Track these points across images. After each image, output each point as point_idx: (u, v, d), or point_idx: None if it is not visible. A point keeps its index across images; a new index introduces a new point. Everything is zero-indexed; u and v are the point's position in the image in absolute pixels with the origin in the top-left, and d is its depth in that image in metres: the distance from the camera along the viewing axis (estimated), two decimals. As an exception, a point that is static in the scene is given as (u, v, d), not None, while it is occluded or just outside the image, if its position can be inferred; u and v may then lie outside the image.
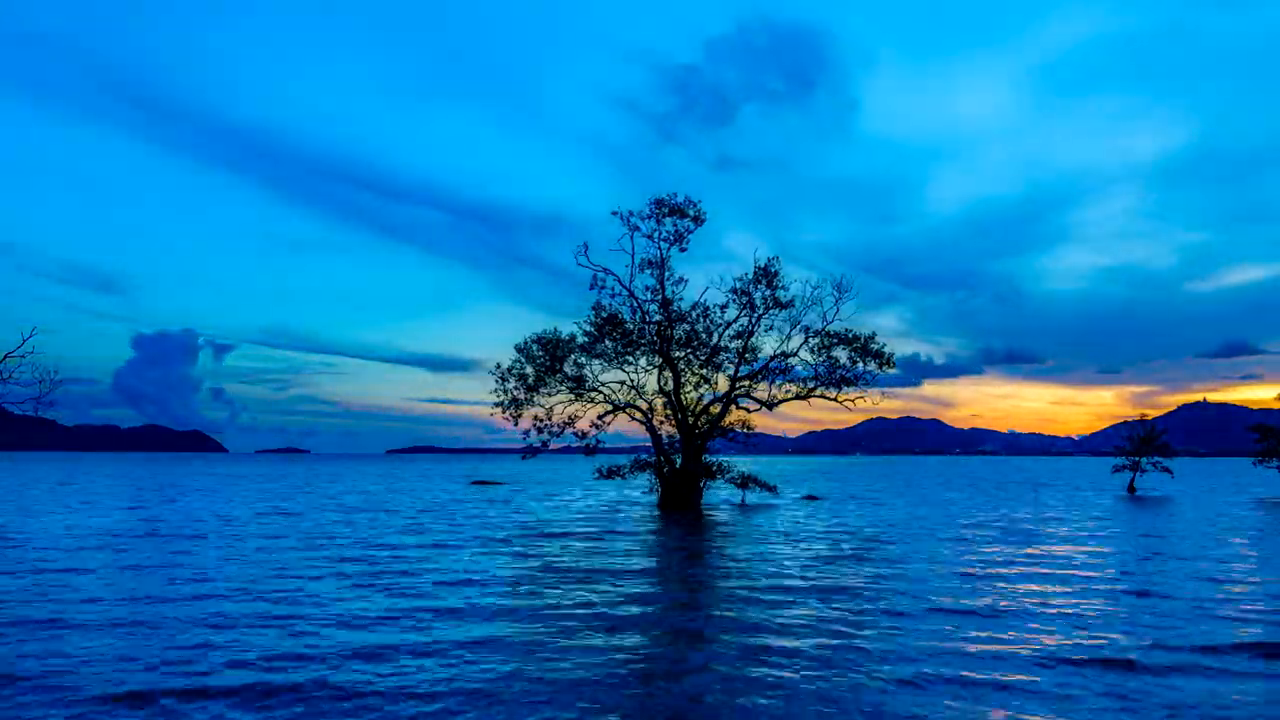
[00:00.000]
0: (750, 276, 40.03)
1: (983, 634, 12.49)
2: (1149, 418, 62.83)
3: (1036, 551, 23.56)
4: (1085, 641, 12.08)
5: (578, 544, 24.95)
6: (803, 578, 18.21)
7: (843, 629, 12.74)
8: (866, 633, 12.56)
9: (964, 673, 10.34)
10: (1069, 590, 16.66)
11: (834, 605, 14.76)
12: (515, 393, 40.39)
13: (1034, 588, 16.97)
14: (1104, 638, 12.32)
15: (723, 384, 40.89)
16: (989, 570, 19.53)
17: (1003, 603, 15.09)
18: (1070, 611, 14.31)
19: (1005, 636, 12.35)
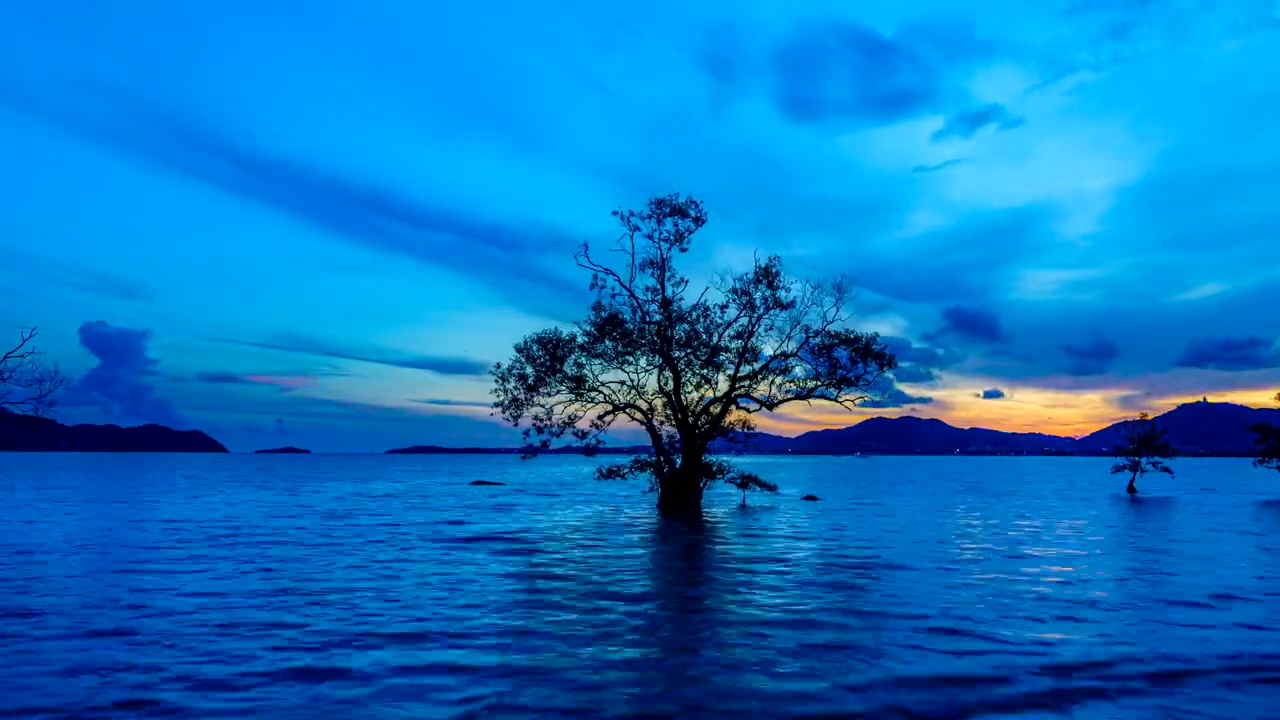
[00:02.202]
0: (750, 276, 40.02)
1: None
2: (1149, 418, 62.85)
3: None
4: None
5: (575, 552, 24.92)
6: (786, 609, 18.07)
7: None
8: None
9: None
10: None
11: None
12: (515, 393, 40.31)
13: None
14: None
15: (723, 384, 40.90)
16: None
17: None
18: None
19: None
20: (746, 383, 40.97)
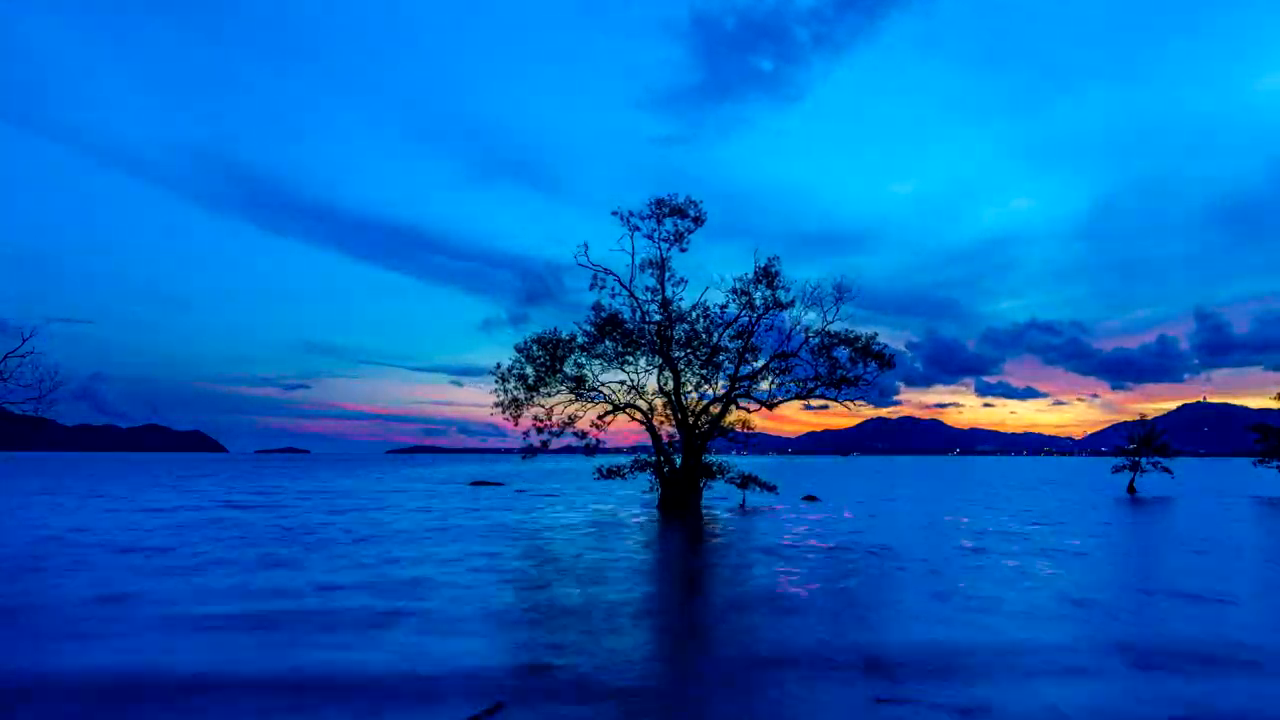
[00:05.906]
0: (750, 276, 39.99)
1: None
2: (1149, 418, 62.81)
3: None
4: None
5: (572, 548, 24.91)
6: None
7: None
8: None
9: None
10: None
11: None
12: (515, 393, 40.33)
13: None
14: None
15: (723, 384, 40.87)
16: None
17: None
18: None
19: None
20: (746, 383, 40.98)
